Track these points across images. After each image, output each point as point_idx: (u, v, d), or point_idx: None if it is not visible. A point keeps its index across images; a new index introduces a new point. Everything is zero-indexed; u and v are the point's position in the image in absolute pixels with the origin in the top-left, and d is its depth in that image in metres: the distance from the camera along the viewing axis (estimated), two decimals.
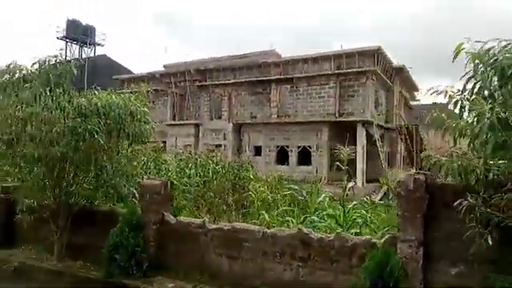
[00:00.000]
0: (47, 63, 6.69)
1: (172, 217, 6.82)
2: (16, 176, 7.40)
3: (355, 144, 26.36)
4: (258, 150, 28.44)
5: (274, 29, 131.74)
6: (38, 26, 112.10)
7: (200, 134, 30.88)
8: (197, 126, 31.00)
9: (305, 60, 26.22)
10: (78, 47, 42.94)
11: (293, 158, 26.92)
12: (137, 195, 7.83)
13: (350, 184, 8.35)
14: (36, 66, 6.83)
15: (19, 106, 6.54)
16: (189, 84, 31.54)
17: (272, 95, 27.47)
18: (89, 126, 6.48)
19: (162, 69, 36.52)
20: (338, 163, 7.49)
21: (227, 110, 29.77)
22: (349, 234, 5.41)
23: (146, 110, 7.42)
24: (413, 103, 37.19)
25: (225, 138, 29.57)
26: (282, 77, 26.80)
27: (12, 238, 8.47)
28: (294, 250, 5.61)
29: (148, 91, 7.82)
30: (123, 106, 7.01)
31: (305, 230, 5.59)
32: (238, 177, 12.95)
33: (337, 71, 24.83)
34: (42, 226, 7.66)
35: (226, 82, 29.63)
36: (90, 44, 43.19)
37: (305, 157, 26.86)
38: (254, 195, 9.59)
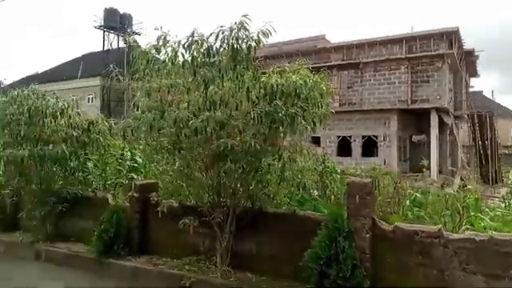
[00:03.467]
0: (231, 33, 5.36)
1: (384, 222, 5.52)
2: (179, 175, 6.19)
3: (423, 133, 24.82)
4: (315, 141, 26.99)
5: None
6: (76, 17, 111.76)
7: None
8: None
9: (370, 43, 24.54)
10: (115, 36, 41.92)
11: (357, 149, 25.43)
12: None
13: None
14: (212, 38, 5.51)
15: (201, 87, 5.27)
16: None
17: (333, 82, 25.92)
18: (292, 110, 5.20)
19: None
20: None
21: None
22: None
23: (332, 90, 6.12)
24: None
25: None
26: (345, 62, 25.19)
27: (147, 244, 7.33)
28: None
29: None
30: (315, 86, 5.72)
31: None
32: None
33: (409, 55, 23.11)
34: (192, 230, 6.44)
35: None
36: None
37: (369, 148, 25.35)
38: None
